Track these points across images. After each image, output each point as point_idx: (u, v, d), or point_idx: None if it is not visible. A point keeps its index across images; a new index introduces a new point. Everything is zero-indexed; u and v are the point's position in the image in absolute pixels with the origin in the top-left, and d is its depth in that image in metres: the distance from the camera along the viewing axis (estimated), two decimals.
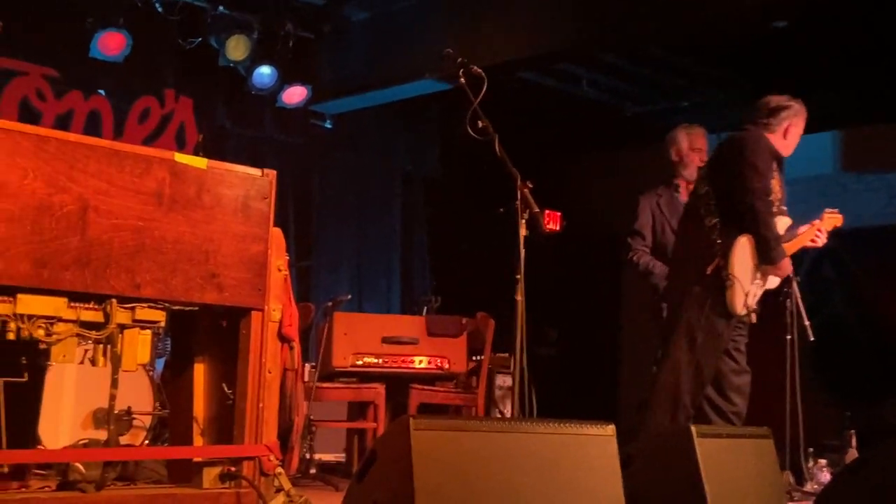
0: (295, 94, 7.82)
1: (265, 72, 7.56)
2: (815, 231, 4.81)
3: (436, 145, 9.06)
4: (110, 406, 2.91)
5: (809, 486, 5.16)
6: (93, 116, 7.12)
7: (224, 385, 3.08)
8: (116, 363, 2.82)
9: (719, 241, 4.36)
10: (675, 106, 8.38)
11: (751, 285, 4.40)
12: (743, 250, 4.39)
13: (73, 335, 2.75)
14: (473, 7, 7.21)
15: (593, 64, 7.89)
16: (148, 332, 2.88)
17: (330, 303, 5.42)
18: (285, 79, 7.67)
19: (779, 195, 4.53)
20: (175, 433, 3.35)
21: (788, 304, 5.10)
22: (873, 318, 7.83)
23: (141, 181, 2.84)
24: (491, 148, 3.63)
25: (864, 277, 7.90)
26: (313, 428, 5.29)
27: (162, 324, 2.92)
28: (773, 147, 4.50)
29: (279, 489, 3.03)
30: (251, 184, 3.08)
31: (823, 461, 5.43)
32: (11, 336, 2.63)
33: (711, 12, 6.20)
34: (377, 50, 7.87)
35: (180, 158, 2.95)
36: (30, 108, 6.78)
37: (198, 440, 3.15)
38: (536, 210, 3.55)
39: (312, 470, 5.22)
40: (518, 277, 3.49)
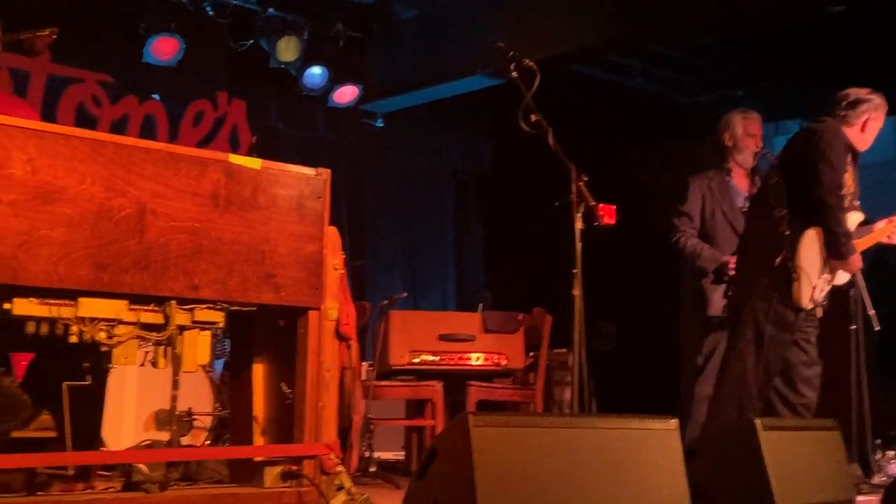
0: (346, 94, 7.86)
1: (316, 72, 7.60)
2: (893, 227, 4.70)
3: (488, 140, 9.04)
4: (172, 407, 2.93)
5: (877, 479, 5.05)
6: (148, 121, 7.21)
7: (283, 384, 3.08)
8: (177, 364, 2.83)
9: (787, 233, 4.28)
10: (730, 95, 8.26)
11: (818, 279, 4.32)
12: (811, 243, 4.31)
13: (134, 337, 2.77)
14: (522, 1, 7.17)
15: (645, 55, 7.81)
16: (207, 333, 2.89)
17: (386, 301, 5.43)
18: (336, 79, 7.71)
19: (851, 189, 4.44)
20: (236, 433, 3.37)
21: (853, 294, 4.99)
22: None
23: (197, 183, 2.85)
24: (544, 142, 3.59)
25: None
26: (372, 426, 5.30)
27: (221, 324, 2.92)
28: (849, 140, 4.42)
29: (340, 487, 3.03)
30: (305, 183, 3.08)
31: (892, 453, 5.32)
32: (74, 339, 2.65)
33: None
34: (427, 47, 7.87)
35: (235, 160, 2.96)
36: (86, 114, 6.89)
37: (258, 440, 3.16)
38: (592, 203, 3.51)
39: (372, 468, 5.23)
40: (575, 272, 3.46)
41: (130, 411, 4.71)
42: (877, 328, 4.90)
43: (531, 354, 5.73)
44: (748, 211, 4.81)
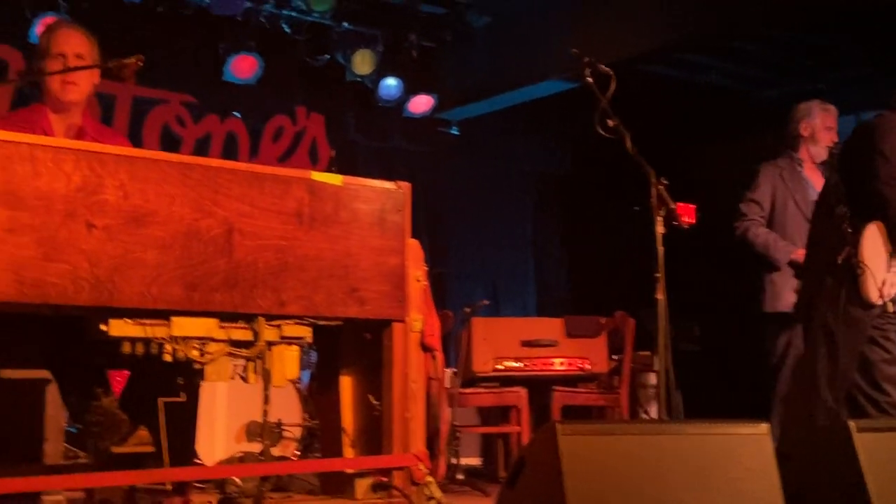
0: (421, 104, 7.92)
1: (391, 83, 7.69)
2: None
3: (564, 143, 9.01)
4: (264, 421, 2.99)
5: None
6: (230, 138, 7.37)
7: (371, 396, 3.12)
8: (267, 379, 2.89)
9: (849, 230, 4.21)
10: (808, 88, 8.09)
11: (886, 273, 4.22)
12: (874, 238, 4.22)
13: (225, 354, 2.83)
14: (594, 4, 7.14)
15: (719, 51, 7.71)
16: (295, 348, 2.95)
17: (468, 309, 5.45)
18: (411, 89, 7.78)
19: None
20: (326, 445, 3.42)
21: None
22: None
23: (281, 202, 2.90)
24: (621, 145, 3.58)
25: None
26: (458, 434, 5.32)
27: (308, 339, 2.97)
28: None
29: (430, 497, 3.06)
30: (386, 197, 3.12)
31: None
32: (168, 358, 2.72)
33: None
34: (500, 54, 7.88)
35: (317, 177, 3.01)
36: (171, 134, 7.07)
37: (348, 451, 3.20)
38: (672, 206, 3.48)
39: (459, 475, 5.26)
40: (658, 276, 3.43)
41: (221, 424, 4.82)
42: None
43: (614, 358, 5.70)
44: (813, 213, 4.73)
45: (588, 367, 5.52)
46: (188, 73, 7.18)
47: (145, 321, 2.69)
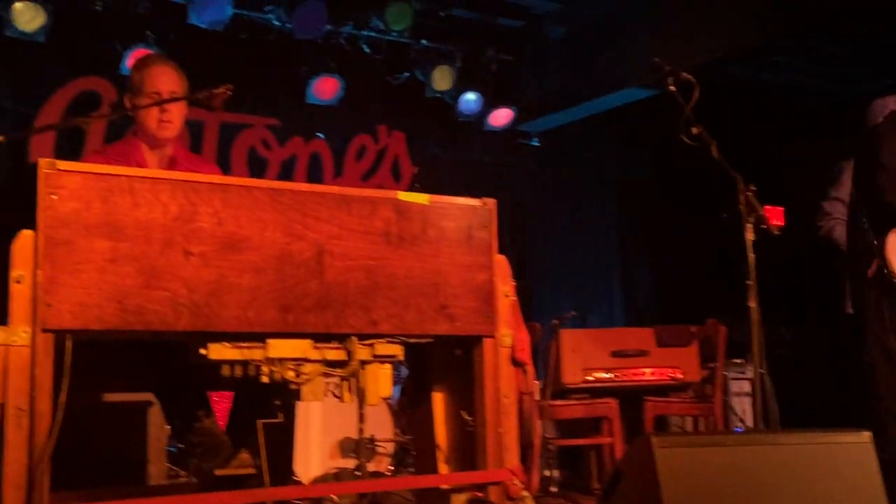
0: (501, 117, 7.95)
1: (470, 98, 7.73)
2: None
3: (646, 150, 8.93)
4: (360, 440, 3.04)
5: None
6: (314, 159, 7.49)
7: (463, 412, 3.14)
8: (361, 398, 2.93)
9: (875, 242, 4.12)
10: (889, 83, 7.89)
11: None
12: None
13: (320, 374, 2.88)
14: (672, 9, 7.08)
15: (798, 51, 7.57)
16: (388, 367, 2.98)
17: (556, 321, 5.45)
18: (490, 102, 7.82)
19: None
20: (420, 461, 3.45)
21: None
22: None
23: (369, 222, 2.94)
24: (706, 151, 3.54)
25: None
26: (550, 446, 5.32)
27: (400, 357, 3.01)
28: None
29: None
30: (472, 214, 3.14)
31: None
32: (265, 379, 2.79)
33: None
34: (578, 64, 7.87)
35: (403, 196, 3.05)
36: (257, 157, 7.22)
37: (442, 467, 3.22)
38: (761, 213, 3.44)
39: (553, 488, 5.25)
40: (749, 283, 3.39)
41: (316, 442, 4.89)
42: None
43: (707, 366, 5.63)
44: (848, 219, 4.62)
45: (680, 377, 5.46)
46: (272, 97, 7.33)
47: (242, 344, 2.75)
